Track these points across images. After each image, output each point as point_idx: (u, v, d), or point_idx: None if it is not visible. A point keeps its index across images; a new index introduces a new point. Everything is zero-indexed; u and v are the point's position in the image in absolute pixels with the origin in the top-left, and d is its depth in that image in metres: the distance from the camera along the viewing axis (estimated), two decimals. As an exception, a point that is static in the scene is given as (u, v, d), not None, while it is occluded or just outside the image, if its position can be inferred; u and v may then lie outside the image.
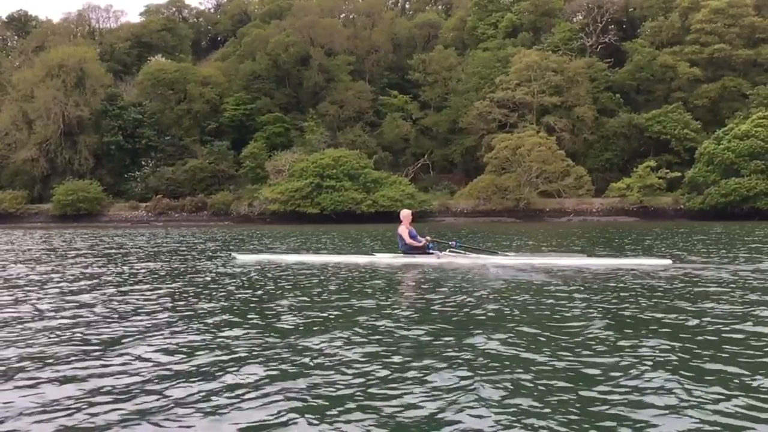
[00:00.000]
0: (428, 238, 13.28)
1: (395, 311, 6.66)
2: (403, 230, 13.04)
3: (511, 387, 3.91)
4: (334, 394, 3.84)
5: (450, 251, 12.81)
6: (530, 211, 59.99)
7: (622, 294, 7.82)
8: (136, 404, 3.70)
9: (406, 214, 13.43)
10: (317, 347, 4.98)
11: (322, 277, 10.18)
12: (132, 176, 73.63)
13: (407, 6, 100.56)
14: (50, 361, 4.68)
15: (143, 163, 73.77)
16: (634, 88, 67.66)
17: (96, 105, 74.30)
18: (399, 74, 78.99)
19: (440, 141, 71.74)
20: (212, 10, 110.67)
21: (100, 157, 75.29)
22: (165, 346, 5.11)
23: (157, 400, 3.77)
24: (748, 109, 58.80)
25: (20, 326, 6.02)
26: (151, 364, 4.59)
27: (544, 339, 5.22)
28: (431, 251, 12.78)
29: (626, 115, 64.38)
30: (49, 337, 5.49)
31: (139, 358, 4.77)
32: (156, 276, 10.81)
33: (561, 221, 56.28)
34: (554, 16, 74.59)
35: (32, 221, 68.79)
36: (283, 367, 4.41)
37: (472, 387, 3.90)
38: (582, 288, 8.37)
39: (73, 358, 4.78)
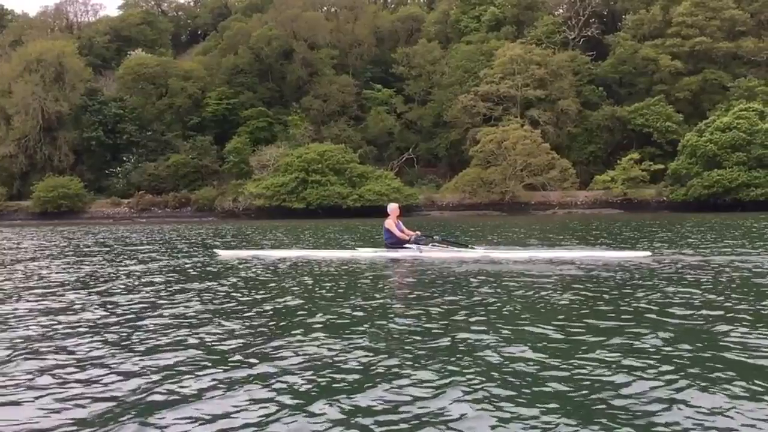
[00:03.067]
0: (418, 233, 13.32)
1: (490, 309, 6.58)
2: (391, 224, 13.04)
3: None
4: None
5: (432, 245, 12.84)
6: (516, 204, 60.25)
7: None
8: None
9: (393, 207, 13.46)
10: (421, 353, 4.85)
11: (338, 274, 10.12)
12: (113, 172, 72.65)
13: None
14: (185, 375, 4.47)
15: (125, 158, 72.85)
16: (616, 81, 68.14)
17: (75, 100, 73.08)
18: (382, 68, 78.78)
19: (425, 135, 71.74)
20: (192, 4, 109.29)
21: (81, 152, 74.18)
22: (295, 354, 4.90)
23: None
24: (729, 102, 59.48)
25: (112, 331, 5.85)
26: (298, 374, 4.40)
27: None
28: (412, 245, 12.75)
29: (609, 108, 64.91)
30: (159, 345, 5.28)
31: (280, 372, 4.57)
32: (195, 274, 10.64)
33: (546, 214, 56.61)
34: (537, 9, 74.81)
35: (11, 218, 67.59)
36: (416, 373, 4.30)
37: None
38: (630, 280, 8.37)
39: (208, 368, 4.59)
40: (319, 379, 4.13)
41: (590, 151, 65.47)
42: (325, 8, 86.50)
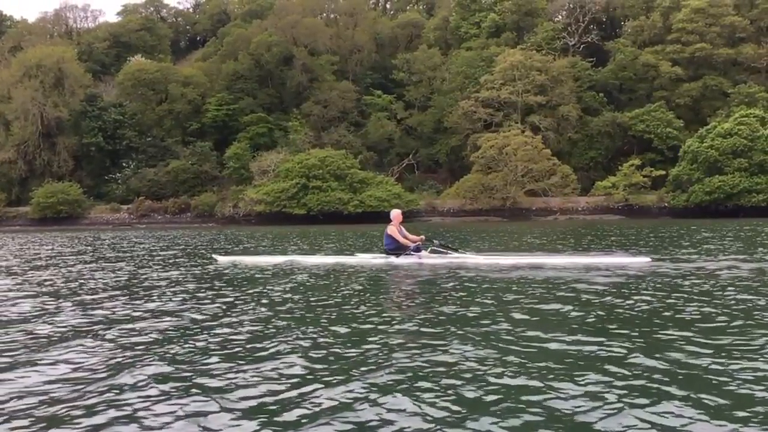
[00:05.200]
0: (423, 237, 13.28)
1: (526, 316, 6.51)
2: (394, 230, 12.92)
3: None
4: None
5: (432, 250, 12.76)
6: (517, 210, 60.23)
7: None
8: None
9: (396, 213, 13.35)
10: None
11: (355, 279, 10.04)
12: (113, 178, 72.50)
13: (388, 6, 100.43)
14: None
15: (124, 164, 72.67)
16: (616, 87, 68.28)
17: (75, 106, 72.97)
18: (382, 74, 78.85)
19: (425, 140, 71.74)
20: (191, 10, 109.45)
21: (80, 158, 74.03)
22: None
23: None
24: (729, 108, 59.66)
25: (199, 338, 5.78)
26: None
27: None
28: (412, 252, 12.60)
29: (610, 114, 64.99)
30: (259, 353, 5.19)
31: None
32: (236, 280, 10.55)
33: (547, 220, 56.58)
34: (537, 15, 74.94)
35: (10, 224, 67.39)
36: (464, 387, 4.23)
37: None
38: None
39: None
40: (456, 390, 4.01)
41: (591, 157, 65.50)
42: (325, 14, 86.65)
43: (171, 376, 4.51)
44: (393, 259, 12.62)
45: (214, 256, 15.11)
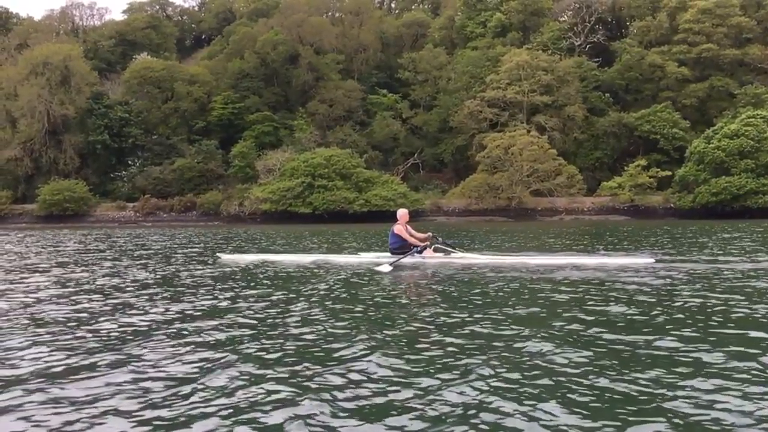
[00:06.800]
0: (429, 234, 13.27)
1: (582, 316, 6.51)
2: (401, 229, 12.86)
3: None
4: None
5: (435, 248, 12.79)
6: (522, 210, 60.27)
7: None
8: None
9: (403, 213, 13.33)
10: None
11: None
12: (118, 176, 72.54)
13: (393, 5, 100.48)
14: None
15: (130, 162, 72.69)
16: (622, 88, 68.31)
17: (81, 103, 72.94)
18: (388, 73, 78.95)
19: (430, 140, 71.81)
20: (196, 8, 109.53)
21: (86, 156, 74.02)
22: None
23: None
24: (735, 109, 59.70)
25: (274, 338, 5.81)
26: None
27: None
28: (415, 254, 12.52)
29: (616, 115, 65.05)
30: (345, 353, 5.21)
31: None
32: (276, 277, 10.53)
33: (553, 220, 56.62)
34: (543, 15, 75.07)
35: (17, 222, 67.37)
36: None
37: None
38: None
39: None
40: (560, 393, 4.01)
41: (596, 158, 65.57)
42: (331, 13, 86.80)
43: (260, 376, 4.50)
44: (398, 258, 12.39)
45: (218, 254, 15.12)
